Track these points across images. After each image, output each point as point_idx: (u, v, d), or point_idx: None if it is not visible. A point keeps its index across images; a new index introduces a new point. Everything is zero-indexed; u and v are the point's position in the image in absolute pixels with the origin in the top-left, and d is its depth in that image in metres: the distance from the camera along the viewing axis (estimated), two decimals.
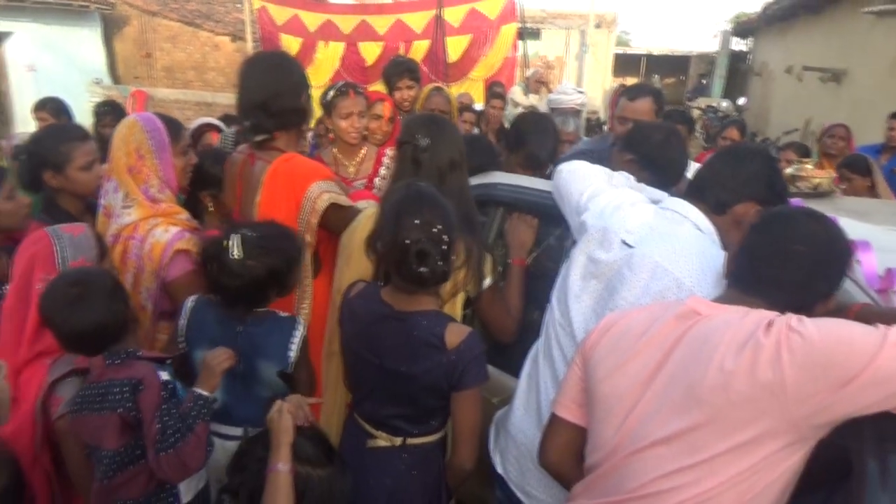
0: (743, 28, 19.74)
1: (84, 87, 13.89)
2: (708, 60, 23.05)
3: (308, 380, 2.05)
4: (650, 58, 25.78)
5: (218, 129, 3.58)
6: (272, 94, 2.15)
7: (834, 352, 1.08)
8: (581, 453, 1.43)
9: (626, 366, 1.31)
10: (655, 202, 1.81)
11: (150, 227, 2.14)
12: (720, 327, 1.21)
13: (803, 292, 1.26)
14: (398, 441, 1.80)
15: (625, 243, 1.67)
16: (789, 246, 1.26)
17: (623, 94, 3.03)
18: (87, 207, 2.39)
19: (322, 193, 2.09)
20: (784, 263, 1.26)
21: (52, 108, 4.19)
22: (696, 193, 1.72)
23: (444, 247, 1.63)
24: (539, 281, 2.19)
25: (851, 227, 1.38)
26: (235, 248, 1.82)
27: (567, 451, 1.44)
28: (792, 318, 1.16)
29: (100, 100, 14.13)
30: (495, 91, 6.35)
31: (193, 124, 3.49)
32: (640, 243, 1.63)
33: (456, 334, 1.69)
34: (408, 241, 1.61)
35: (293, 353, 1.97)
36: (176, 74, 16.03)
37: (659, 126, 2.34)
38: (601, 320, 1.46)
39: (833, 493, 1.25)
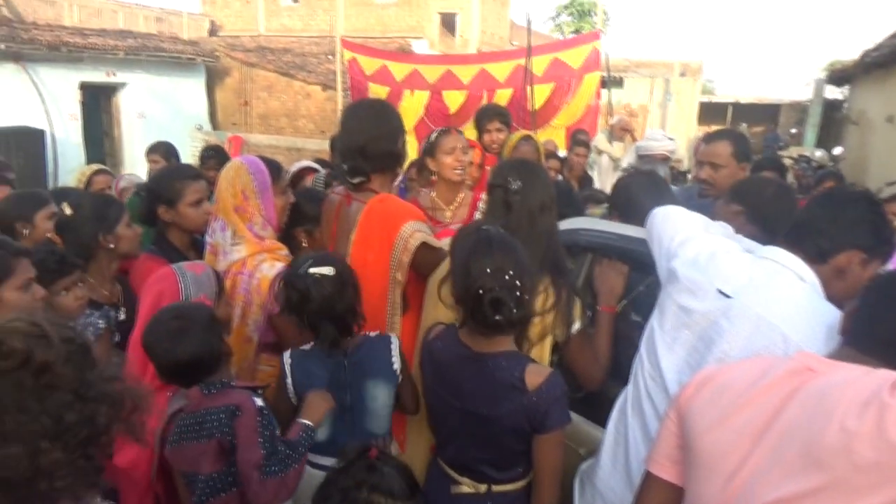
0: (838, 76, 19.02)
1: (186, 133, 14.88)
2: (800, 109, 22.28)
3: (412, 392, 2.07)
4: (737, 106, 25.16)
5: (316, 172, 3.76)
6: (371, 139, 2.24)
7: None
8: None
9: (729, 420, 1.23)
10: (750, 252, 1.74)
11: (257, 263, 2.26)
12: (839, 384, 1.12)
13: None
14: (483, 488, 1.77)
15: (721, 293, 1.60)
16: None
17: (703, 138, 2.99)
18: (193, 243, 2.56)
19: (414, 232, 2.14)
20: None
21: (163, 152, 4.53)
22: (794, 241, 1.64)
23: (518, 293, 1.61)
24: (629, 329, 2.14)
25: None
26: (326, 276, 1.89)
27: None
28: None
29: (200, 145, 15.11)
30: (579, 139, 6.34)
31: (294, 167, 3.70)
32: (740, 293, 1.56)
33: (536, 375, 1.67)
34: (481, 291, 1.60)
35: (397, 363, 2.00)
36: (270, 121, 16.94)
37: (770, 180, 2.27)
38: (697, 373, 1.39)
39: None
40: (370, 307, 2.17)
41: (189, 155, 5.29)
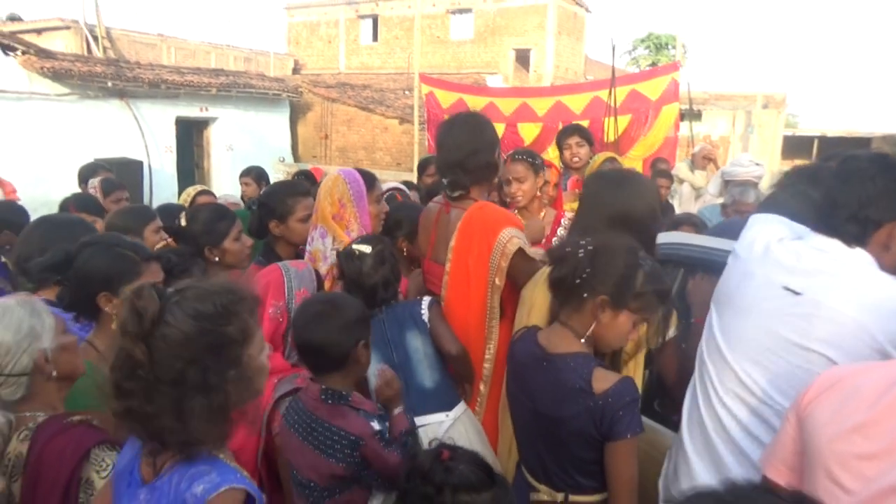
0: None
1: (270, 165, 15.55)
2: (892, 142, 21.19)
3: (458, 353, 2.20)
4: (823, 139, 24.17)
5: (403, 192, 3.93)
6: (470, 153, 2.30)
7: None
8: None
9: (861, 431, 1.16)
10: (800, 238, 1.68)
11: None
12: None
13: None
14: (560, 497, 1.75)
15: (788, 289, 1.57)
16: None
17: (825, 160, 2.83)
18: (297, 256, 2.69)
19: (512, 238, 2.19)
20: None
21: (254, 175, 4.83)
22: (829, 228, 1.57)
23: (588, 265, 1.66)
24: None
25: None
26: (367, 255, 2.16)
27: None
28: None
29: (282, 176, 15.76)
30: (660, 168, 6.27)
31: (383, 187, 3.85)
32: (809, 290, 1.53)
33: (604, 380, 1.64)
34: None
35: (425, 312, 2.20)
36: (348, 154, 17.52)
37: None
38: (819, 377, 1.31)
39: None
40: (471, 312, 2.24)
41: None
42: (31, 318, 1.57)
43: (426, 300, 2.26)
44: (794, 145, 23.10)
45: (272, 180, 5.09)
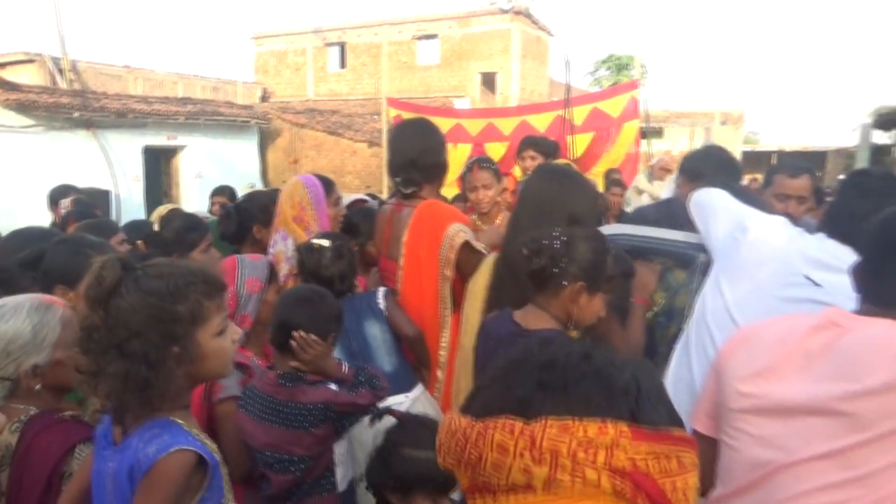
0: (885, 120, 18.79)
1: (239, 191, 15.55)
2: (847, 155, 21.96)
3: (415, 335, 2.35)
4: (781, 154, 24.93)
5: (366, 203, 4.07)
6: (420, 152, 2.48)
7: None
8: (709, 466, 1.39)
9: (766, 378, 1.29)
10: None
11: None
12: (870, 341, 1.19)
13: None
14: None
15: (809, 279, 1.70)
16: None
17: (780, 171, 2.92)
18: None
19: (459, 232, 2.35)
20: None
21: (228, 194, 4.98)
22: (840, 237, 1.73)
23: (557, 254, 1.78)
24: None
25: None
26: (326, 249, 2.29)
27: (704, 463, 1.41)
28: None
29: None
30: (613, 178, 6.52)
31: (348, 200, 3.97)
32: (826, 285, 1.66)
33: None
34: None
35: (381, 301, 2.33)
36: None
37: None
38: (734, 337, 1.45)
39: None
40: (425, 302, 2.38)
41: None
42: (34, 327, 1.57)
43: (381, 290, 2.41)
44: (753, 160, 23.76)
45: None
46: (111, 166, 13.15)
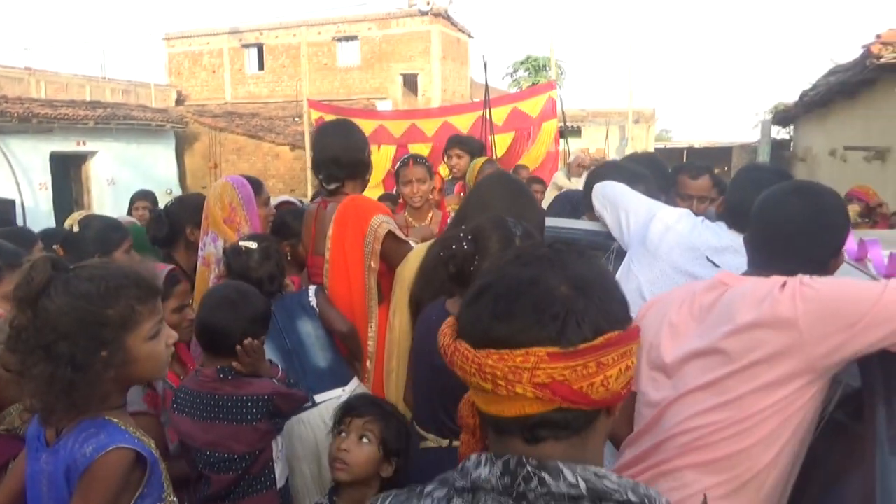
0: (783, 117, 20.09)
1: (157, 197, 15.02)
2: (750, 150, 23.32)
3: (348, 331, 2.41)
4: (691, 150, 26.20)
5: (293, 205, 4.08)
6: (342, 149, 2.56)
7: (842, 298, 1.28)
8: (628, 415, 1.59)
9: (668, 331, 1.51)
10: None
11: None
12: (744, 291, 1.41)
13: (807, 260, 1.44)
14: (445, 443, 1.92)
15: (710, 261, 1.94)
16: (779, 227, 1.49)
17: (682, 172, 3.13)
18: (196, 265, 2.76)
19: (382, 223, 2.43)
20: (780, 243, 1.48)
21: (152, 199, 4.86)
22: (736, 227, 1.97)
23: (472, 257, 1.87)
24: None
25: None
26: (254, 250, 2.31)
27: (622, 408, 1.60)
28: (803, 277, 1.35)
29: None
30: (531, 176, 6.76)
31: (275, 202, 3.97)
32: (724, 266, 1.89)
33: None
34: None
35: (312, 298, 2.38)
36: None
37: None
38: (645, 304, 1.68)
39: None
40: (352, 294, 2.44)
41: None
42: None
43: (312, 288, 2.45)
44: (665, 156, 24.74)
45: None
46: (15, 174, 12.41)
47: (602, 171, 2.75)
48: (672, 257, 1.99)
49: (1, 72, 20.55)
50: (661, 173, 2.98)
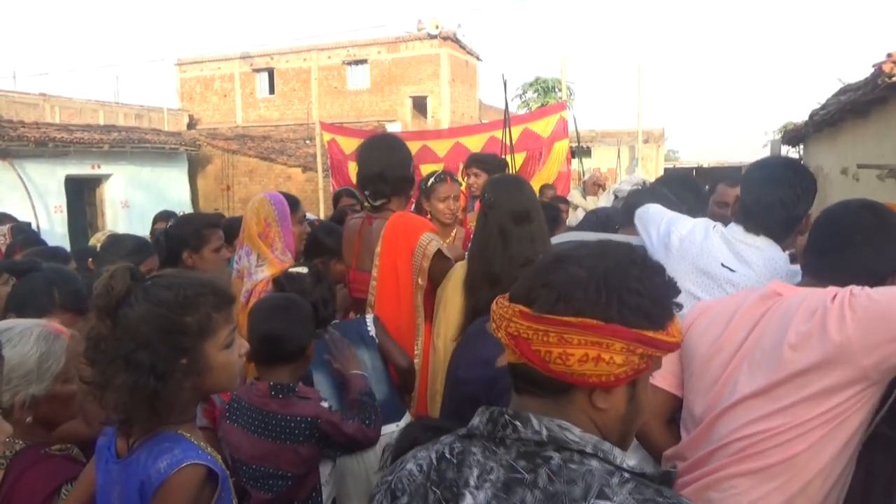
0: (792, 136, 20.07)
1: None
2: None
3: (409, 366, 2.36)
4: (700, 170, 26.19)
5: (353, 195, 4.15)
6: (388, 165, 2.55)
7: (889, 306, 1.28)
8: (668, 419, 1.62)
9: (719, 341, 1.52)
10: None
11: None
12: (797, 301, 1.42)
13: (866, 273, 1.44)
14: None
15: (725, 266, 1.95)
16: (847, 236, 1.50)
17: (721, 181, 3.29)
18: None
19: (431, 241, 2.42)
20: (844, 252, 1.49)
21: (169, 219, 4.85)
22: (755, 228, 1.98)
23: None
24: None
25: None
26: (305, 275, 2.27)
27: (658, 413, 1.61)
28: (854, 288, 1.36)
29: None
30: (551, 193, 6.75)
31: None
32: (738, 268, 1.92)
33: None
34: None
35: (372, 331, 2.33)
36: None
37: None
38: (694, 308, 1.67)
39: None
40: (402, 312, 2.43)
41: None
42: (40, 356, 1.50)
43: (369, 318, 2.40)
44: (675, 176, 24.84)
45: None
46: (31, 198, 12.57)
47: (641, 192, 2.84)
48: (686, 267, 2.02)
49: (17, 98, 20.89)
50: (695, 192, 3.06)
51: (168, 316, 1.26)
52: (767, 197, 1.91)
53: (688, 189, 3.00)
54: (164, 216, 4.93)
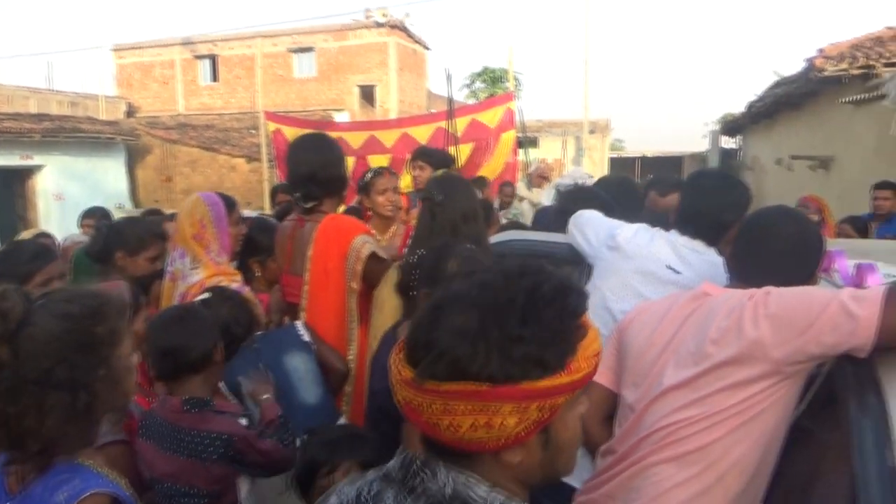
0: (730, 127, 20.72)
1: None
2: (700, 159, 23.97)
3: (346, 370, 2.34)
4: (644, 160, 26.82)
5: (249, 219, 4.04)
6: (320, 166, 2.48)
7: (797, 305, 1.36)
8: (606, 416, 1.66)
9: (652, 337, 1.59)
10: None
11: (215, 283, 2.41)
12: (721, 301, 1.51)
13: (784, 277, 1.52)
14: None
15: (671, 268, 2.03)
16: (767, 244, 1.58)
17: (652, 188, 3.32)
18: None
19: (364, 244, 2.37)
20: (765, 256, 1.58)
21: (99, 216, 4.61)
22: (692, 232, 2.06)
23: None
24: None
25: None
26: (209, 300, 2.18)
27: (595, 411, 1.64)
28: (770, 288, 1.44)
29: None
30: (507, 191, 6.79)
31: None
32: (684, 270, 2.01)
33: None
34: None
35: (303, 332, 2.29)
36: None
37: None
38: (633, 309, 1.76)
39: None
40: (332, 316, 2.38)
41: None
42: None
43: (299, 323, 2.37)
44: (619, 166, 25.41)
45: None
46: None
47: (574, 195, 2.87)
48: (630, 269, 2.08)
49: None
50: (632, 196, 3.12)
51: (79, 328, 1.21)
52: (699, 205, 2.03)
53: (625, 193, 3.06)
54: (93, 213, 4.68)
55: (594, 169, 19.89)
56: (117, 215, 15.25)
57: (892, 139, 7.65)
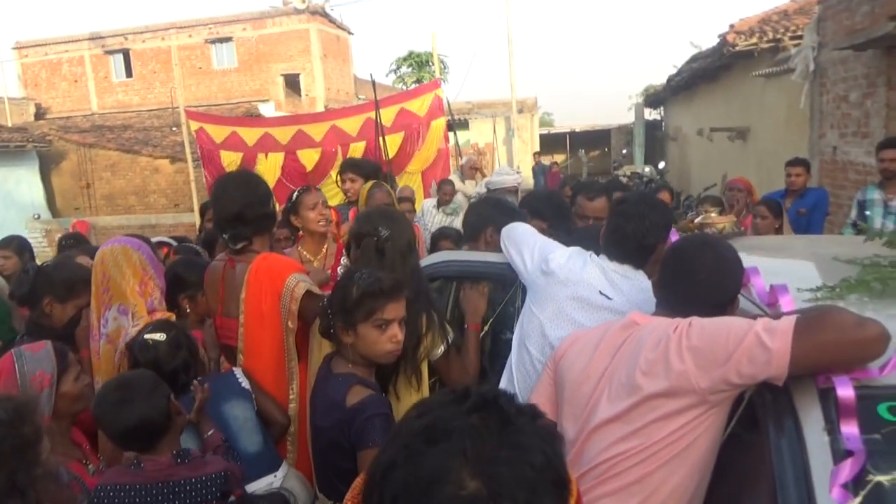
0: (653, 99, 21.29)
1: (23, 225, 13.84)
2: (626, 131, 24.57)
3: (286, 420, 2.36)
4: (573, 134, 27.29)
5: (170, 246, 3.90)
6: (246, 205, 2.41)
7: (717, 336, 1.41)
8: None
9: (587, 370, 1.63)
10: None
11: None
12: (648, 331, 1.55)
13: (707, 304, 1.58)
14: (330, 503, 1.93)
15: (602, 294, 2.06)
16: (690, 271, 1.63)
17: (580, 192, 3.37)
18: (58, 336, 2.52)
19: (298, 282, 2.32)
20: (688, 285, 1.63)
21: (15, 247, 4.22)
22: (618, 256, 2.10)
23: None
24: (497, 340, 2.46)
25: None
26: (162, 342, 2.18)
27: None
28: (693, 319, 1.49)
29: (40, 235, 14.09)
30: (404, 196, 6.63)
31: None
32: (615, 296, 2.04)
33: (356, 395, 1.84)
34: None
35: (245, 383, 2.30)
36: (117, 201, 16.17)
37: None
38: (567, 338, 1.79)
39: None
40: (272, 356, 2.34)
41: (34, 246, 4.78)
42: None
43: (237, 370, 2.34)
44: (550, 142, 25.80)
45: (29, 240, 4.60)
46: None
47: (479, 206, 2.99)
48: (564, 296, 2.11)
49: None
50: (561, 208, 3.16)
51: (10, 434, 1.21)
52: (622, 229, 2.06)
53: (552, 205, 3.10)
54: (8, 242, 4.26)
55: (525, 148, 20.11)
56: (34, 227, 14.44)
57: (802, 111, 8.04)
